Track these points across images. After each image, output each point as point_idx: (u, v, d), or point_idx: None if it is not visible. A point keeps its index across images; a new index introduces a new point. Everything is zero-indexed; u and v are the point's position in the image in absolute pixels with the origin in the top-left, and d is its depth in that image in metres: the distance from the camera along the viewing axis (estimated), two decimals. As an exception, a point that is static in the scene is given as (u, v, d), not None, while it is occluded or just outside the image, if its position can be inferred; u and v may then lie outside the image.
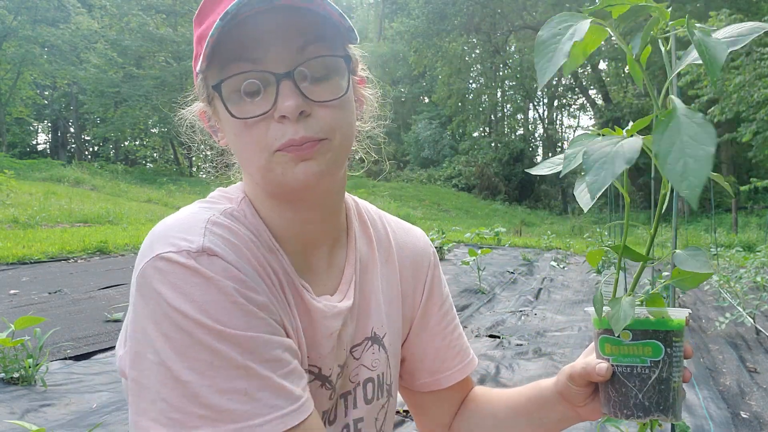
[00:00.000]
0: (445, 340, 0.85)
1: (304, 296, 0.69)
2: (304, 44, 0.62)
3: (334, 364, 0.72)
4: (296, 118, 0.61)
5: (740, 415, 3.09)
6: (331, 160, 0.64)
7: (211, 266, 0.57)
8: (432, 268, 0.87)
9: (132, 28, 26.22)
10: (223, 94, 0.62)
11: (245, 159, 0.65)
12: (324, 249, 0.74)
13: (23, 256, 7.31)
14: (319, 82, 0.63)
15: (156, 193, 18.70)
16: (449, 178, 27.98)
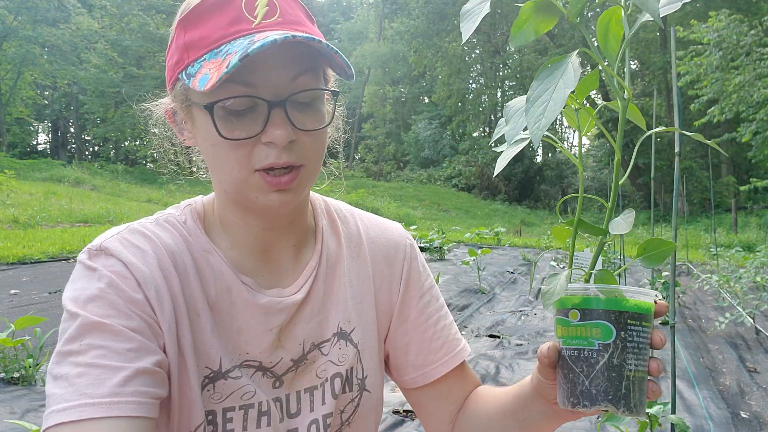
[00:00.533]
0: (427, 333, 0.84)
1: (243, 293, 0.72)
2: (296, 75, 0.65)
3: (278, 356, 0.74)
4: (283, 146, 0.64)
5: (740, 414, 3.09)
6: (303, 189, 0.69)
7: (99, 261, 0.65)
8: (408, 261, 0.86)
9: (132, 28, 26.21)
10: (214, 113, 0.64)
11: (220, 171, 0.68)
12: (289, 247, 0.78)
13: (23, 256, 7.31)
14: (306, 111, 0.67)
15: (156, 193, 18.71)
16: (449, 178, 27.98)
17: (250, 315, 0.72)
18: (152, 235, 0.69)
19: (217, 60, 0.62)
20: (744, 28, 12.10)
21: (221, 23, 0.64)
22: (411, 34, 27.97)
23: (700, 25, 12.47)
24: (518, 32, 0.61)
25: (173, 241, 0.70)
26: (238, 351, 0.72)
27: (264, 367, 0.73)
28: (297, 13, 0.68)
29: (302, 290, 0.76)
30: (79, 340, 0.60)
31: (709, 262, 8.94)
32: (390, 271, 0.85)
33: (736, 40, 12.07)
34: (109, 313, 0.61)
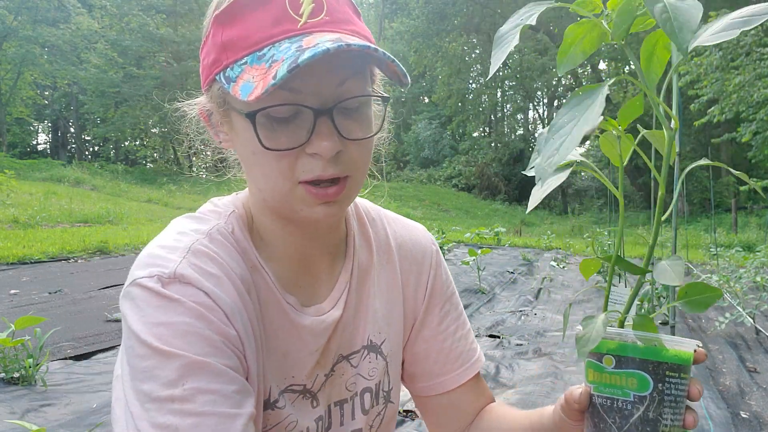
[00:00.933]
0: (445, 342, 0.81)
1: (289, 314, 0.68)
2: (343, 79, 0.60)
3: (315, 374, 0.71)
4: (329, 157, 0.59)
5: (740, 414, 3.09)
6: (350, 198, 0.65)
7: (180, 291, 0.57)
8: (435, 267, 0.84)
9: (132, 28, 26.21)
10: (257, 122, 0.58)
11: (261, 181, 0.62)
12: (326, 256, 0.74)
13: (23, 256, 7.31)
14: (354, 118, 0.62)
15: (156, 193, 18.71)
16: (449, 178, 27.97)
17: (296, 337, 0.68)
18: (218, 257, 0.63)
19: (261, 67, 0.56)
20: (744, 28, 12.09)
21: (263, 22, 0.58)
22: (411, 34, 27.97)
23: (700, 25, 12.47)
24: (565, 56, 0.57)
25: (233, 259, 0.64)
26: (283, 375, 0.68)
27: (307, 389, 0.70)
28: (345, 9, 0.62)
29: (338, 305, 0.73)
30: (180, 384, 0.52)
31: (709, 262, 8.94)
32: (417, 278, 0.82)
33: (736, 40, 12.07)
34: (207, 351, 0.54)
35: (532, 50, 28.07)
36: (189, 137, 0.77)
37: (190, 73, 25.94)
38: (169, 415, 0.51)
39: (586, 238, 10.51)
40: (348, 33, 0.59)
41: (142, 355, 0.54)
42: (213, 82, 0.63)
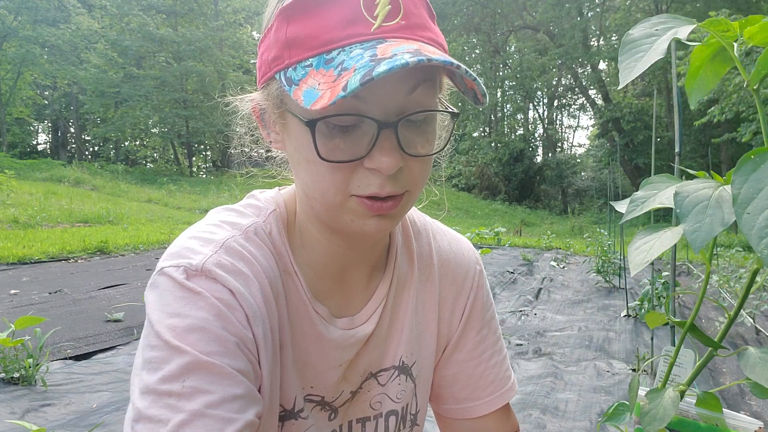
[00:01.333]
0: (478, 368, 0.77)
1: (316, 325, 0.65)
2: (413, 87, 0.54)
3: (339, 390, 0.69)
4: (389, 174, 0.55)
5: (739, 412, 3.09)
6: (404, 213, 0.61)
7: (204, 285, 0.55)
8: (476, 289, 0.79)
9: (132, 28, 26.21)
10: (316, 130, 0.53)
11: (312, 189, 0.58)
12: (365, 268, 0.70)
13: (23, 256, 7.31)
14: (418, 132, 0.56)
15: (156, 193, 18.70)
16: (449, 178, 27.88)
17: (319, 349, 0.66)
18: (250, 257, 0.60)
19: (329, 73, 0.51)
20: (744, 28, 12.09)
21: (334, 22, 0.52)
22: (411, 34, 27.93)
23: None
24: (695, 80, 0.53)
25: (266, 261, 0.61)
26: (302, 385, 0.66)
27: (325, 401, 0.68)
28: (421, 13, 0.56)
29: (372, 319, 0.69)
30: (180, 379, 0.50)
31: (709, 262, 8.92)
32: (455, 299, 0.77)
33: (736, 40, 12.06)
34: (216, 350, 0.52)
35: (532, 50, 28.07)
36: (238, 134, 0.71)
37: (190, 73, 25.94)
38: (163, 408, 0.49)
39: (586, 238, 10.50)
40: (425, 41, 0.54)
41: (153, 345, 0.52)
42: (271, 80, 0.58)
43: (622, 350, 4.29)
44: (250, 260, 0.59)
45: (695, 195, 0.48)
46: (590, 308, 5.89)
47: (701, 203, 0.47)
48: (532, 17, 27.59)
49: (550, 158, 30.54)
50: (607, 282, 7.27)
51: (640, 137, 22.37)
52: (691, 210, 0.46)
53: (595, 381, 3.56)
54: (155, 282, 0.56)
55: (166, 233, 10.04)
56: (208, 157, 34.47)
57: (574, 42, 23.49)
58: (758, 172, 0.43)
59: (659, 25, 0.49)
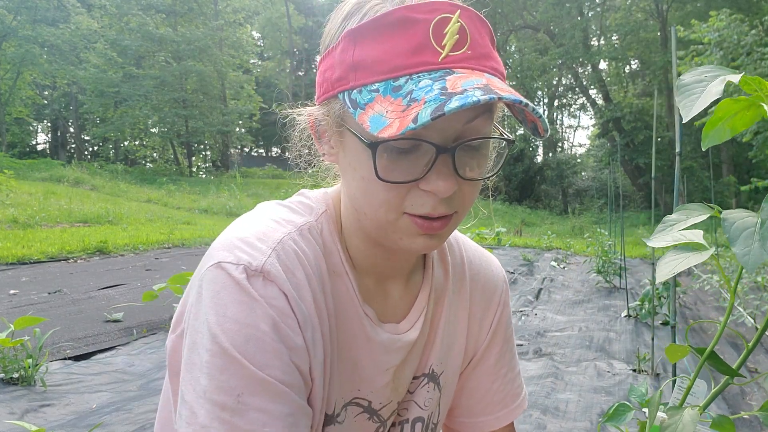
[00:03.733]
0: (494, 384, 0.79)
1: (365, 325, 0.65)
2: (472, 117, 0.55)
3: (387, 398, 0.69)
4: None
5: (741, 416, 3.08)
6: (450, 233, 0.62)
7: (261, 289, 0.55)
8: (502, 307, 0.81)
9: (132, 27, 26.20)
10: (377, 153, 0.54)
11: (364, 206, 0.59)
12: (402, 277, 0.72)
13: (23, 256, 7.31)
14: (474, 157, 0.58)
15: (156, 193, 18.70)
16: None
17: (369, 351, 0.66)
18: (304, 257, 0.60)
19: (397, 102, 0.51)
20: (745, 28, 12.09)
21: (402, 48, 0.53)
22: (411, 33, 27.94)
23: (700, 24, 12.46)
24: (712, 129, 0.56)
25: (317, 261, 0.62)
26: (350, 387, 0.66)
27: (372, 408, 0.68)
28: (485, 42, 0.57)
29: (416, 327, 0.70)
30: (235, 393, 0.52)
31: (711, 262, 8.92)
32: (484, 313, 0.79)
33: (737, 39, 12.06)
34: (271, 364, 0.53)
35: (532, 50, 28.06)
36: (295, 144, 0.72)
37: (189, 72, 25.94)
38: (216, 421, 0.51)
39: (586, 238, 10.50)
40: (490, 71, 0.55)
41: (209, 348, 0.53)
42: (333, 98, 0.58)
43: (622, 350, 4.28)
44: (303, 261, 0.60)
45: (742, 221, 0.51)
46: (591, 308, 5.89)
47: (748, 229, 0.49)
48: (533, 17, 27.59)
49: (550, 158, 30.54)
50: (608, 282, 7.26)
51: (641, 137, 22.36)
52: (739, 235, 0.49)
53: (595, 381, 3.56)
54: (213, 276, 0.56)
55: (165, 233, 10.03)
56: (207, 157, 34.47)
57: (575, 42, 23.48)
58: None
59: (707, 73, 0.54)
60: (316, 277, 0.61)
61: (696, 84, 0.54)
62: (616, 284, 7.19)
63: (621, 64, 27.69)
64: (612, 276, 7.31)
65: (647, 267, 9.21)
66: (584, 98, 30.75)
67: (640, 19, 23.54)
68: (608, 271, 7.24)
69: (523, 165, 27.57)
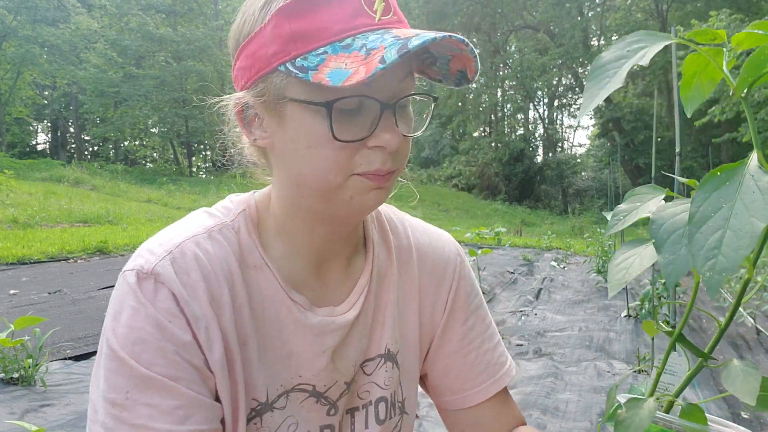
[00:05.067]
0: (468, 356, 0.78)
1: (294, 312, 0.67)
2: (405, 74, 0.61)
3: (332, 380, 0.70)
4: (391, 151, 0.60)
5: (741, 415, 3.08)
6: (392, 187, 0.66)
7: (150, 292, 0.58)
8: (457, 280, 0.80)
9: (132, 27, 26.20)
10: (333, 113, 0.57)
11: (311, 175, 0.61)
12: (342, 259, 0.73)
13: (23, 256, 7.31)
14: (408, 115, 0.63)
15: (156, 193, 18.69)
16: (449, 177, 27.97)
17: (301, 337, 0.67)
18: (204, 257, 0.62)
19: (354, 55, 0.54)
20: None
21: (342, 15, 0.57)
22: (411, 33, 27.95)
23: (700, 24, 12.47)
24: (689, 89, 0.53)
25: (227, 259, 0.64)
26: (290, 375, 0.68)
27: (318, 392, 0.69)
28: (401, 15, 0.63)
29: (355, 307, 0.71)
30: (124, 391, 0.56)
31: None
32: (436, 289, 0.79)
33: (737, 39, 12.05)
34: (157, 362, 0.56)
35: (532, 50, 28.05)
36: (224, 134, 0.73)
37: (189, 72, 25.93)
38: (108, 417, 0.56)
39: (586, 238, 10.50)
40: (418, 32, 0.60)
41: (105, 352, 0.58)
42: (269, 74, 0.60)
43: (622, 350, 4.28)
44: (203, 261, 0.62)
45: (671, 222, 0.45)
46: (591, 308, 5.89)
47: (677, 231, 0.44)
48: (533, 17, 27.58)
49: (550, 158, 30.53)
50: (608, 282, 7.26)
51: (641, 137, 22.36)
52: (666, 239, 0.44)
53: (595, 381, 3.56)
54: (118, 285, 0.61)
55: (165, 233, 10.02)
56: (207, 156, 34.46)
57: (575, 42, 23.48)
58: (720, 191, 0.41)
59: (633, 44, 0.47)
60: (223, 275, 0.63)
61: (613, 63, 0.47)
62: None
63: (621, 64, 27.64)
64: (612, 276, 7.30)
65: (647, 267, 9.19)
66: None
67: (640, 19, 23.53)
68: (608, 271, 7.24)
69: (523, 165, 27.57)
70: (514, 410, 0.81)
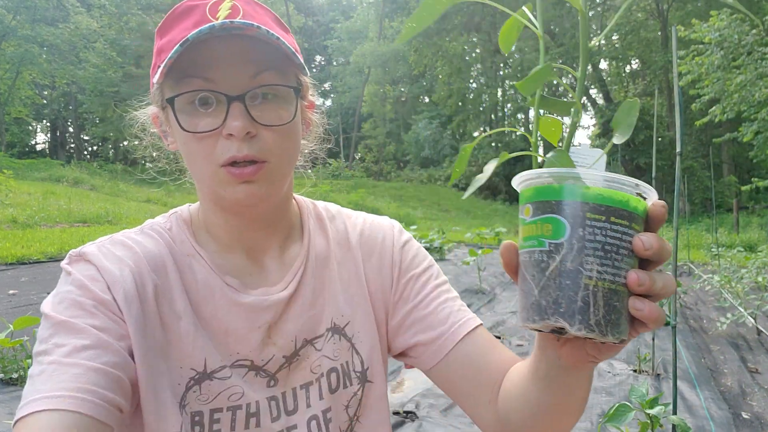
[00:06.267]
0: (428, 307, 0.80)
1: (228, 294, 0.73)
2: (257, 72, 0.67)
3: (270, 353, 0.75)
4: (242, 138, 0.66)
5: (741, 415, 3.08)
6: (270, 184, 0.70)
7: (77, 266, 0.68)
8: (398, 244, 0.86)
9: (131, 27, 26.20)
10: (176, 107, 0.67)
11: (193, 168, 0.70)
12: (275, 248, 0.79)
13: (22, 256, 7.30)
14: (267, 107, 0.68)
15: (155, 193, 18.69)
16: (449, 177, 27.99)
17: (235, 315, 0.73)
18: (133, 244, 0.72)
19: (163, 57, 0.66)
20: (745, 28, 12.08)
21: (186, 26, 0.67)
22: (411, 33, 27.95)
23: (701, 24, 12.46)
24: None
25: (156, 247, 0.73)
26: (228, 352, 0.73)
27: (256, 366, 0.74)
28: (263, 19, 0.70)
29: (290, 287, 0.77)
30: (48, 340, 0.62)
31: (711, 263, 8.92)
32: (379, 260, 0.85)
33: (738, 39, 12.05)
34: (75, 314, 0.63)
35: (532, 49, 28.06)
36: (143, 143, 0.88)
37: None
38: (34, 366, 0.60)
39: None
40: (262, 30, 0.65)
41: (42, 321, 0.65)
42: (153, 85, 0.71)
43: (623, 351, 4.27)
44: (131, 246, 0.71)
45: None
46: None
47: None
48: (532, 17, 27.58)
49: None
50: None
51: (641, 137, 22.36)
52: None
53: (595, 381, 3.55)
54: None
55: (165, 233, 10.03)
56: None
57: (575, 41, 23.46)
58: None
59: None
60: (151, 258, 0.71)
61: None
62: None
63: (621, 64, 27.69)
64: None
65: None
66: (585, 98, 30.74)
67: (641, 19, 23.54)
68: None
69: (523, 165, 27.50)
70: (503, 352, 0.77)
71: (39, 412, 0.55)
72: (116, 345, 0.63)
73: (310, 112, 0.81)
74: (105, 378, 0.59)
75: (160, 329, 0.69)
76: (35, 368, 0.60)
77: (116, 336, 0.64)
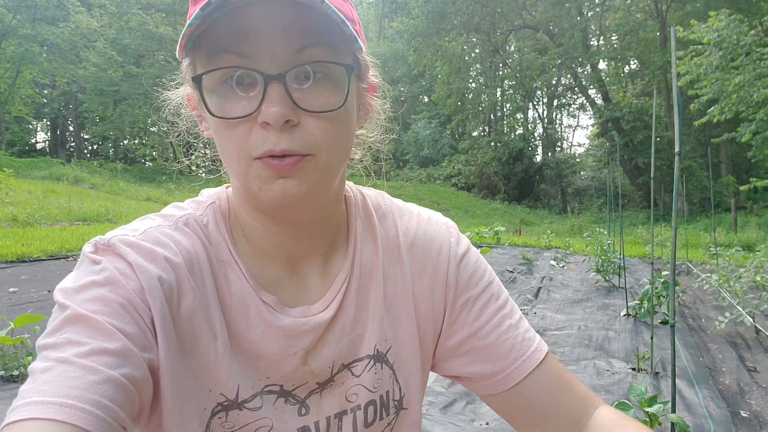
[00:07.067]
0: (490, 337, 0.71)
1: (263, 313, 0.63)
2: (303, 46, 0.54)
3: (302, 380, 0.66)
4: (280, 127, 0.53)
5: (740, 414, 3.09)
6: (316, 180, 0.57)
7: (104, 256, 0.56)
8: (455, 259, 0.74)
9: (131, 26, 26.16)
10: (203, 86, 0.55)
11: (225, 160, 0.59)
12: (317, 258, 0.68)
13: (22, 254, 7.31)
14: (314, 90, 0.55)
15: (155, 192, 18.69)
16: (449, 177, 27.97)
17: (270, 339, 0.63)
18: (170, 242, 0.60)
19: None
20: (744, 28, 12.08)
21: None
22: (410, 33, 27.94)
23: (700, 25, 12.46)
24: None
25: (194, 249, 0.61)
26: (258, 376, 0.63)
27: (285, 391, 0.65)
28: None
29: (331, 307, 0.66)
30: (59, 332, 0.51)
31: (709, 262, 8.94)
32: (432, 278, 0.73)
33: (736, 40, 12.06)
34: (98, 309, 0.52)
35: (532, 49, 28.05)
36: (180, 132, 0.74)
37: (189, 71, 25.86)
38: (39, 360, 0.50)
39: (585, 237, 10.50)
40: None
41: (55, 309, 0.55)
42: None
43: (621, 349, 4.29)
44: (169, 245, 0.59)
45: None
46: (590, 307, 5.89)
47: None
48: (532, 17, 27.57)
49: (549, 158, 30.53)
50: (607, 281, 7.27)
51: (640, 137, 22.37)
52: None
53: (594, 380, 3.56)
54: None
55: (165, 232, 10.03)
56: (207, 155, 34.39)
57: (574, 41, 23.47)
58: None
59: None
60: (191, 263, 0.60)
61: None
62: (615, 283, 7.19)
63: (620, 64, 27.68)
64: (611, 275, 7.32)
65: (646, 266, 9.22)
66: (583, 98, 30.74)
67: (640, 19, 23.53)
68: (607, 270, 7.25)
69: (522, 164, 27.57)
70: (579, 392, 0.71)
71: (36, 420, 0.44)
72: (140, 357, 0.52)
73: (370, 96, 0.68)
74: (121, 393, 0.49)
75: (195, 347, 0.59)
76: (39, 363, 0.49)
77: (141, 346, 0.53)
